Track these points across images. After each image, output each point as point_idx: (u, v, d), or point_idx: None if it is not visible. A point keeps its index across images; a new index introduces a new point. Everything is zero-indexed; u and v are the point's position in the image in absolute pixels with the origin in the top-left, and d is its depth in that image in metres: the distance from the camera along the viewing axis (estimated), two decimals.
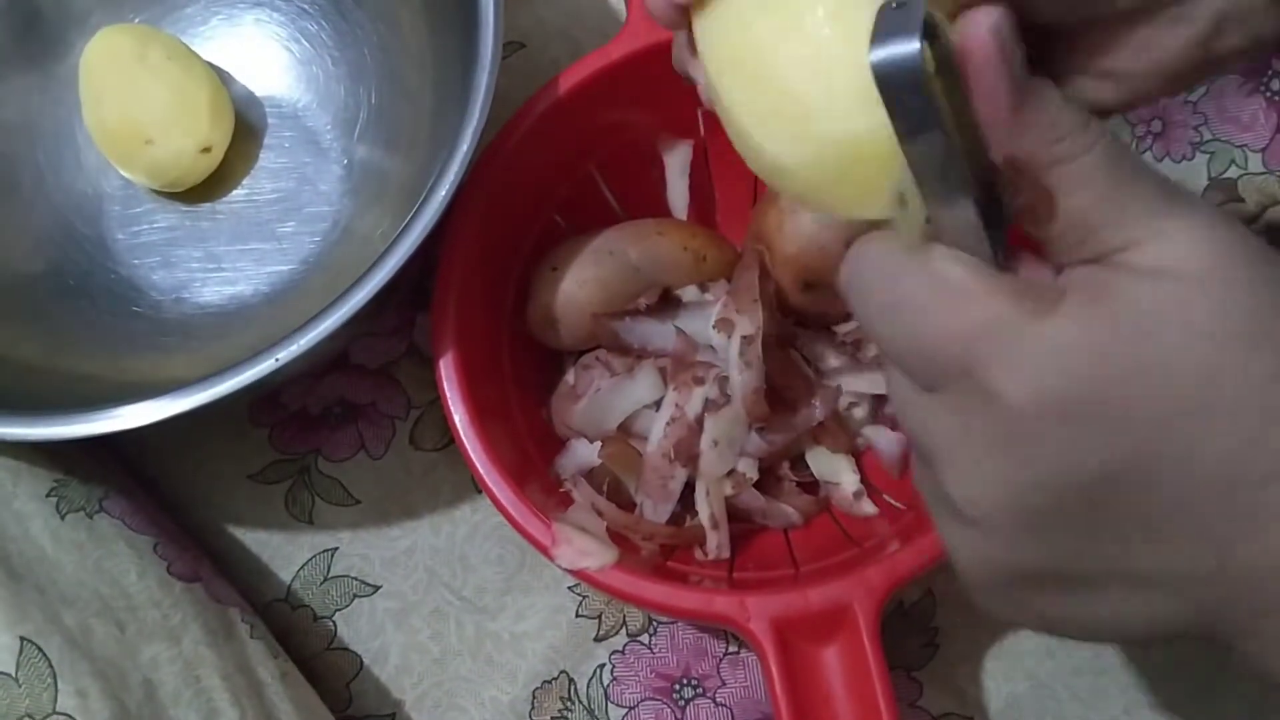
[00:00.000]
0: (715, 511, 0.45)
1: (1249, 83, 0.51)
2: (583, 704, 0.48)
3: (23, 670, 0.37)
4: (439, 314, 0.44)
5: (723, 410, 0.45)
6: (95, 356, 0.49)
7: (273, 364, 0.39)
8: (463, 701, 0.48)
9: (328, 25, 0.54)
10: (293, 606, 0.49)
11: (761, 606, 0.40)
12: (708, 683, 0.48)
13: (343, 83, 0.53)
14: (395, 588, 0.50)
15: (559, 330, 0.47)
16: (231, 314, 0.51)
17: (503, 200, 0.46)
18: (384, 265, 0.40)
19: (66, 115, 0.52)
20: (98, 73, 0.50)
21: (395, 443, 0.51)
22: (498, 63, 0.42)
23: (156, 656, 0.40)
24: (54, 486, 0.43)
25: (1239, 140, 0.51)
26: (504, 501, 0.42)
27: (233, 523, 0.50)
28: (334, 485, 0.50)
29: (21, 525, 0.41)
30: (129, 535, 0.43)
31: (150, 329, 0.51)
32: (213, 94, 0.51)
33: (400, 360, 0.52)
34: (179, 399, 0.39)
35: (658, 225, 0.48)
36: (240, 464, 0.51)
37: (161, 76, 0.50)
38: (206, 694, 0.40)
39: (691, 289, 0.47)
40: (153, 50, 0.50)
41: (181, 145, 0.50)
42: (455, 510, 0.50)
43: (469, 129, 0.41)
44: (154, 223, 0.53)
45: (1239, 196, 0.51)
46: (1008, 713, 0.48)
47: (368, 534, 0.50)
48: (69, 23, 0.52)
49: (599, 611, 0.49)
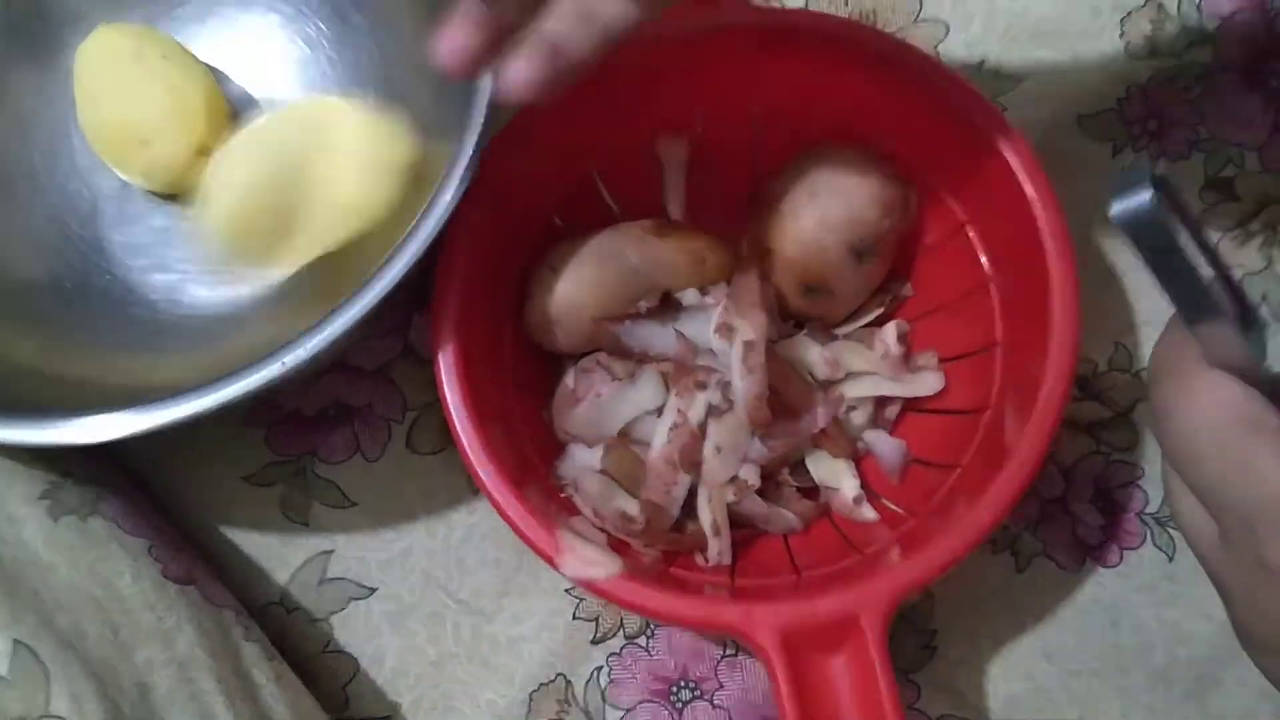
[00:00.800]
0: (717, 518, 0.45)
1: (1246, 81, 0.51)
2: (580, 707, 0.48)
3: (15, 673, 0.37)
4: (438, 316, 0.44)
5: (725, 416, 0.45)
6: (91, 359, 0.48)
7: (279, 368, 0.39)
8: (459, 704, 0.48)
9: (326, 27, 0.53)
10: (288, 609, 0.49)
11: (768, 616, 0.40)
12: (705, 685, 0.48)
13: (341, 85, 0.53)
14: (391, 590, 0.49)
15: (558, 333, 0.47)
16: (228, 317, 0.51)
17: (503, 201, 0.45)
18: (390, 269, 0.40)
19: (62, 116, 0.52)
20: (93, 72, 0.50)
21: (391, 445, 0.51)
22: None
23: (151, 659, 0.40)
24: (47, 489, 0.42)
25: (1236, 139, 0.51)
26: (506, 508, 0.42)
27: (228, 525, 0.50)
28: (330, 487, 0.50)
29: (14, 528, 0.41)
30: (123, 538, 0.43)
31: (146, 331, 0.50)
32: (209, 95, 0.51)
33: (396, 361, 0.52)
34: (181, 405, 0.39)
35: (657, 227, 0.48)
36: (235, 466, 0.50)
37: (158, 77, 0.49)
38: (201, 697, 0.40)
39: (692, 292, 0.47)
40: (149, 50, 0.50)
41: (177, 147, 0.50)
42: (452, 513, 0.50)
43: (469, 132, 0.41)
44: (150, 224, 0.53)
45: (1236, 195, 0.52)
46: (1005, 715, 0.48)
47: (364, 536, 0.50)
48: (64, 22, 0.52)
49: (596, 614, 0.49)
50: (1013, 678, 0.48)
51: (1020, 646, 0.48)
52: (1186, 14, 0.52)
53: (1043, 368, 0.42)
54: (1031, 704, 0.48)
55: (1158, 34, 0.52)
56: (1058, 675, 0.48)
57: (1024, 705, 0.48)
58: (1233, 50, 0.51)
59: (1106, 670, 0.48)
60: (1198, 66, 0.52)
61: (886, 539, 0.45)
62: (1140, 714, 0.48)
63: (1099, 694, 0.48)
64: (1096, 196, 0.52)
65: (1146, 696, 0.48)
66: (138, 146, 0.49)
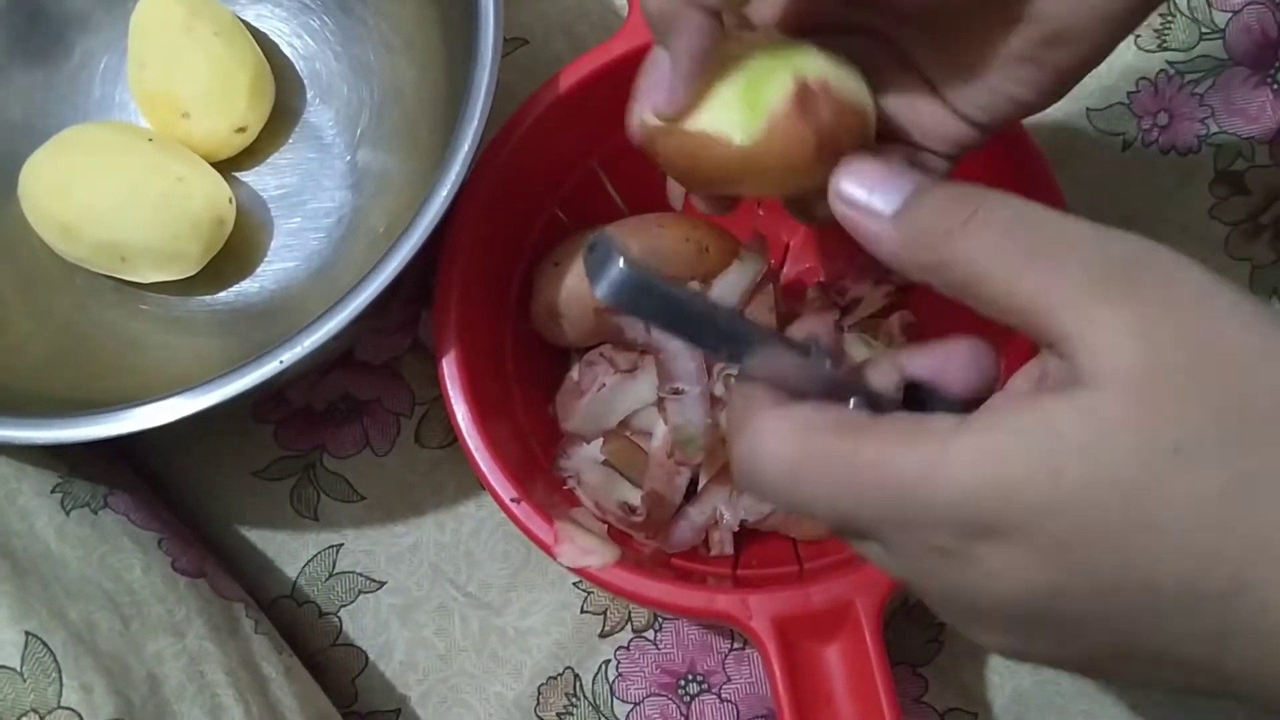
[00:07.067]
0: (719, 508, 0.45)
1: (1256, 75, 0.51)
2: (588, 700, 0.48)
3: (27, 665, 0.37)
4: (441, 311, 0.44)
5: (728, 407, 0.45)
6: (103, 356, 0.49)
7: (277, 366, 0.39)
8: (468, 697, 0.48)
9: (330, 21, 0.53)
10: (298, 602, 0.49)
11: (763, 605, 0.40)
12: (713, 678, 0.48)
13: (345, 79, 0.53)
14: (400, 584, 0.50)
15: (563, 325, 0.47)
16: (238, 311, 0.51)
17: (505, 196, 0.45)
18: (388, 264, 0.40)
19: (68, 114, 0.52)
20: (144, 37, 0.49)
21: (400, 439, 0.51)
22: (499, 59, 0.42)
23: (161, 651, 0.40)
24: (59, 483, 0.43)
25: (1246, 133, 0.51)
26: (506, 500, 0.42)
27: (238, 519, 0.50)
28: (339, 481, 0.51)
29: (26, 521, 0.41)
30: (133, 531, 0.43)
31: (157, 327, 0.51)
32: (255, 74, 0.50)
33: (404, 356, 0.52)
34: (184, 401, 0.39)
35: (659, 218, 0.48)
36: (245, 460, 0.51)
37: (205, 51, 0.49)
38: (211, 689, 0.40)
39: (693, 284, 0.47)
40: (201, 22, 0.49)
41: (216, 124, 0.50)
42: (460, 506, 0.50)
43: (471, 126, 0.41)
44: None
45: (1246, 189, 0.51)
46: (1013, 708, 0.48)
47: (373, 530, 0.50)
48: (69, 22, 0.52)
49: (604, 608, 0.49)
50: (1020, 671, 0.48)
51: None
52: (1196, 8, 0.52)
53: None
54: (1039, 697, 0.48)
55: (1167, 28, 0.52)
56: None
57: (1032, 699, 0.48)
58: (1243, 44, 0.51)
59: None
60: (1208, 60, 0.51)
61: None
62: (1149, 707, 0.47)
63: (1107, 687, 0.48)
64: (1106, 190, 0.52)
65: (1155, 690, 0.48)
66: (178, 117, 0.49)
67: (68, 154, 0.48)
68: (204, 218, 0.48)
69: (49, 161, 0.48)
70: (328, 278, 0.51)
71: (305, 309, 0.47)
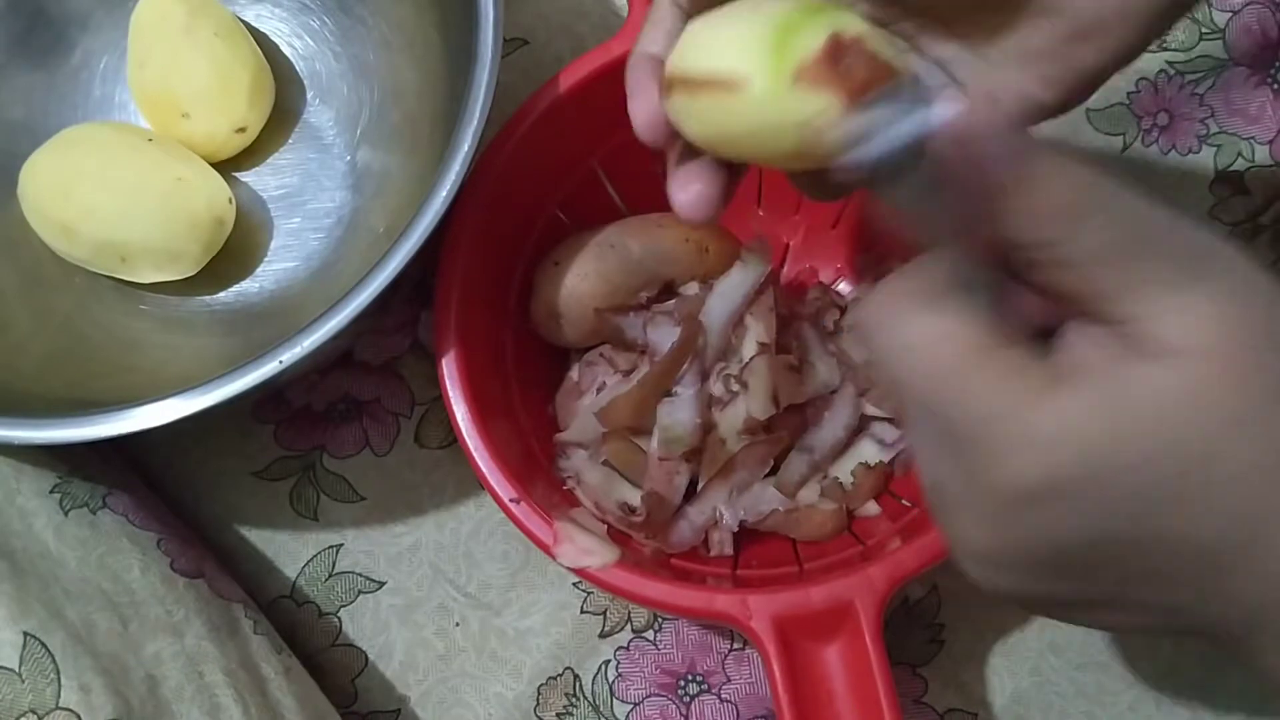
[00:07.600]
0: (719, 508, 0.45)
1: (1256, 75, 0.51)
2: (588, 700, 0.48)
3: (26, 665, 0.37)
4: (441, 311, 0.44)
5: (728, 407, 0.45)
6: (103, 355, 0.49)
7: (277, 366, 0.39)
8: (468, 698, 0.48)
9: (330, 21, 0.53)
10: (298, 603, 0.49)
11: (763, 605, 0.40)
12: (713, 679, 0.48)
13: (345, 79, 0.53)
14: (400, 584, 0.50)
15: (562, 325, 0.47)
16: (238, 311, 0.51)
17: (505, 196, 0.46)
18: (388, 264, 0.40)
19: (69, 114, 0.52)
20: (144, 37, 0.49)
21: (400, 439, 0.51)
22: (498, 59, 0.42)
23: (159, 652, 0.40)
24: (58, 483, 0.43)
25: (1246, 133, 0.51)
26: (506, 500, 0.42)
27: (237, 519, 0.50)
28: (339, 482, 0.51)
29: (25, 521, 0.41)
30: (132, 531, 0.43)
31: (157, 327, 0.51)
32: (255, 74, 0.50)
33: (404, 356, 0.52)
34: (184, 401, 0.40)
35: (659, 218, 0.48)
36: (245, 461, 0.51)
37: (205, 51, 0.49)
38: (209, 689, 0.40)
39: (693, 285, 0.47)
40: (200, 22, 0.49)
41: (215, 125, 0.50)
42: (460, 506, 0.50)
43: (470, 126, 0.41)
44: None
45: (1246, 189, 0.51)
46: (1012, 708, 0.48)
47: (372, 530, 0.50)
48: (70, 22, 0.52)
49: (604, 608, 0.49)
50: (1020, 671, 0.48)
51: (1027, 640, 0.48)
52: (1197, 8, 0.52)
53: None
54: (1039, 697, 0.48)
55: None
56: (1065, 668, 0.48)
57: (1031, 699, 0.48)
58: (1243, 44, 0.51)
59: (1114, 663, 0.48)
60: (1208, 60, 0.51)
61: (889, 530, 0.45)
62: (1148, 707, 0.47)
63: (1106, 687, 0.48)
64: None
65: (1154, 689, 0.48)
66: (178, 117, 0.50)
67: (68, 154, 0.48)
68: (204, 218, 0.48)
69: (49, 161, 0.48)
70: (328, 278, 0.51)
71: (305, 309, 0.47)
